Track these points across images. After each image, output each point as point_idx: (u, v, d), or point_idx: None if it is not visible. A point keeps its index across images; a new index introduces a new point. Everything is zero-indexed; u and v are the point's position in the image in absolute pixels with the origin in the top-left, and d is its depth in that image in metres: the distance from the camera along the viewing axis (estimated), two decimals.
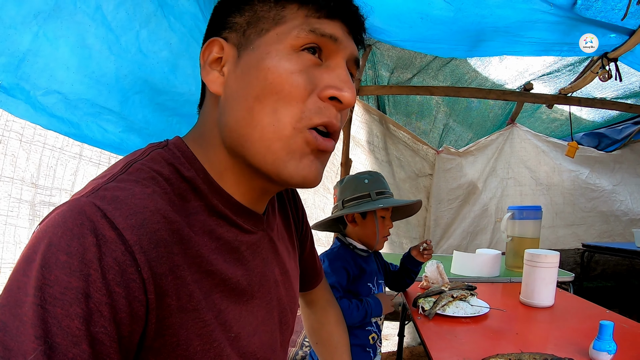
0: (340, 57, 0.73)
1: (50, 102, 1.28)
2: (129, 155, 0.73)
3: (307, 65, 0.70)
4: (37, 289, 0.52)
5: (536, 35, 3.02)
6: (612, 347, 1.38)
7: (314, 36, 0.70)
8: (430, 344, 1.58)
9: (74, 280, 0.53)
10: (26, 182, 1.28)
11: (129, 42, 1.41)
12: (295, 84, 0.68)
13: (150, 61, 1.47)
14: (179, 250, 0.65)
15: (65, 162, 1.37)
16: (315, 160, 0.72)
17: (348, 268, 1.92)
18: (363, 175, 2.03)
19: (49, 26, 1.23)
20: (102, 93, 1.38)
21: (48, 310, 0.51)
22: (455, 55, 3.63)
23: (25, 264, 0.54)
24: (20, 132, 1.26)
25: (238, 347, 0.75)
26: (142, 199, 0.62)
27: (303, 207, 1.20)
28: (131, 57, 1.42)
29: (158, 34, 1.47)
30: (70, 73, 1.30)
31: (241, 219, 0.79)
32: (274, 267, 0.91)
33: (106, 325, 0.54)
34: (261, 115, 0.68)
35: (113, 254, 0.56)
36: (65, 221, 0.56)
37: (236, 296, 0.76)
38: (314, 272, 1.31)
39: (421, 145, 4.67)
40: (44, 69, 1.25)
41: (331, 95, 0.69)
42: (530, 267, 2.07)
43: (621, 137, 5.01)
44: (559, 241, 4.76)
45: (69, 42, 1.28)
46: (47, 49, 1.24)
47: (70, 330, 0.51)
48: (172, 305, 0.63)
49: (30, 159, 1.29)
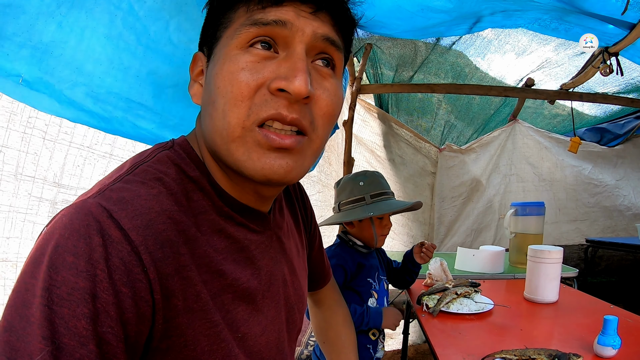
0: (297, 41, 0.68)
1: (77, 95, 1.24)
2: (135, 157, 0.74)
3: (255, 60, 0.67)
4: (44, 289, 0.52)
5: (536, 15, 3.01)
6: (617, 341, 1.39)
7: (256, 28, 0.67)
8: (435, 341, 1.58)
9: (81, 281, 0.53)
10: (48, 181, 1.27)
11: (159, 33, 1.36)
12: (237, 83, 0.65)
13: (182, 52, 1.42)
14: (186, 251, 0.66)
15: (94, 161, 1.35)
16: (278, 158, 0.67)
17: (345, 266, 1.93)
18: (359, 177, 2.03)
19: (73, 16, 1.19)
20: (132, 87, 1.34)
21: (55, 311, 0.52)
22: (454, 34, 3.58)
23: (33, 265, 0.55)
24: (44, 130, 1.23)
25: (245, 347, 0.75)
26: (148, 199, 0.63)
27: (311, 207, 1.20)
28: (161, 48, 1.37)
29: (189, 23, 1.42)
30: (97, 65, 1.26)
31: (247, 219, 0.80)
32: (282, 266, 0.91)
33: (113, 326, 0.55)
34: (216, 121, 0.68)
35: (119, 254, 0.56)
36: (72, 222, 0.56)
37: (246, 296, 0.76)
38: (322, 272, 1.31)
39: (423, 143, 4.67)
40: (69, 62, 1.21)
41: (277, 87, 0.65)
42: (534, 263, 2.08)
43: (623, 132, 4.99)
44: (563, 237, 4.75)
45: (96, 33, 1.24)
46: (72, 40, 1.20)
47: (77, 331, 0.52)
48: (179, 305, 0.63)
49: (53, 158, 1.27)
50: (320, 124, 0.72)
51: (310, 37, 0.68)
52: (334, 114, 0.74)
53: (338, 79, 0.76)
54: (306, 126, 0.69)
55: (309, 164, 0.74)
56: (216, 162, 0.75)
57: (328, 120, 0.73)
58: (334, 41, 0.72)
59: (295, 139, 0.68)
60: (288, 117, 0.66)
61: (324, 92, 0.71)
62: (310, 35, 0.68)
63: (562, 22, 3.07)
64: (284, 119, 0.66)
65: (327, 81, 0.72)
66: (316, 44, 0.70)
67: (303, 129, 0.69)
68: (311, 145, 0.72)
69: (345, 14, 0.75)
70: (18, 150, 1.22)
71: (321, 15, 0.70)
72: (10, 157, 1.22)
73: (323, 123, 0.73)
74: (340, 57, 0.75)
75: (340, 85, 0.76)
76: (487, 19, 3.17)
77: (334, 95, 0.73)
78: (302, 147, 0.70)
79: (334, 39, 0.72)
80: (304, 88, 0.64)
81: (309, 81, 0.65)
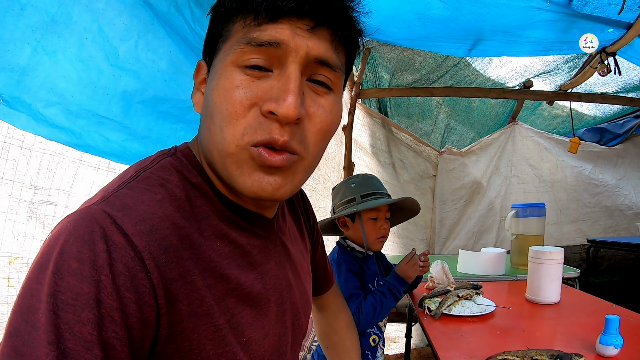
0: (290, 61, 0.67)
1: (51, 113, 1.32)
2: (138, 164, 0.75)
3: (249, 79, 0.67)
4: (49, 295, 0.53)
5: (535, 35, 3.03)
6: (619, 341, 1.39)
7: (251, 48, 0.67)
8: (437, 344, 1.59)
9: (85, 286, 0.54)
10: (26, 184, 1.36)
11: (128, 52, 1.42)
12: (232, 101, 0.66)
13: (150, 70, 1.48)
14: (189, 256, 0.67)
15: (65, 165, 1.45)
16: (267, 175, 0.68)
17: (354, 269, 1.94)
18: (351, 179, 2.06)
19: (47, 40, 1.26)
20: (102, 103, 1.41)
21: (60, 317, 0.52)
22: (454, 53, 3.63)
23: (38, 271, 0.56)
24: (21, 140, 1.33)
25: (249, 351, 0.76)
26: (151, 205, 0.64)
27: (313, 212, 1.21)
28: (130, 66, 1.43)
29: (157, 42, 1.48)
30: (70, 84, 1.33)
31: (251, 223, 0.81)
32: (287, 270, 0.92)
33: (117, 330, 0.56)
34: (213, 134, 0.69)
35: (123, 260, 0.57)
36: (76, 228, 0.57)
37: (250, 300, 0.77)
38: (325, 277, 1.32)
39: (424, 146, 4.68)
40: (44, 82, 1.28)
41: (268, 110, 0.65)
42: (535, 264, 2.08)
43: (623, 132, 5.01)
44: (564, 238, 4.75)
45: (68, 55, 1.31)
46: (46, 62, 1.27)
47: (82, 336, 0.53)
48: (183, 310, 0.64)
49: (30, 164, 1.37)
50: (312, 142, 0.72)
51: (304, 58, 0.68)
52: (330, 130, 0.74)
53: (336, 95, 0.76)
54: (296, 147, 0.69)
55: (300, 179, 0.74)
56: (212, 170, 0.76)
57: (322, 136, 0.74)
58: (328, 63, 0.71)
59: (286, 157, 0.68)
60: (279, 141, 0.66)
61: (318, 109, 0.71)
62: (303, 57, 0.68)
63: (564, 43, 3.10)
64: (276, 142, 0.66)
65: (323, 98, 0.73)
66: (310, 64, 0.69)
67: (293, 150, 0.69)
68: (302, 162, 0.72)
69: (348, 26, 0.74)
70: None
71: (319, 32, 0.69)
72: None
73: (316, 140, 0.73)
74: (338, 75, 0.74)
75: (337, 101, 0.76)
76: (488, 43, 3.19)
77: (330, 112, 0.73)
78: (293, 165, 0.70)
79: (329, 60, 0.71)
80: (293, 112, 0.64)
81: (298, 103, 0.65)
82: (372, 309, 1.81)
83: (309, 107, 0.70)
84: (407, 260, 1.95)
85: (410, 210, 2.16)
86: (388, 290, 1.87)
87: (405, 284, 1.93)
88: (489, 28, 2.97)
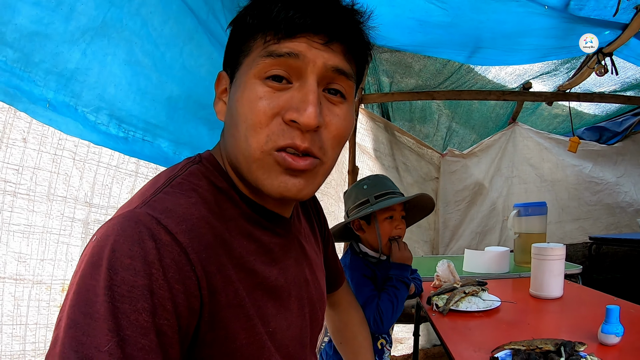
0: (309, 72, 0.74)
1: (99, 118, 1.31)
2: (168, 171, 0.82)
3: (271, 90, 0.73)
4: (106, 288, 0.59)
5: (534, 42, 3.08)
6: (620, 329, 1.44)
7: (271, 59, 0.73)
8: (447, 338, 1.64)
9: (139, 279, 0.61)
10: (80, 201, 1.31)
11: (174, 58, 1.44)
12: (256, 111, 0.72)
13: (193, 76, 1.50)
14: (223, 252, 0.74)
15: (121, 180, 1.39)
16: (292, 177, 0.75)
17: (367, 274, 1.95)
18: (362, 182, 2.04)
19: (96, 44, 1.26)
20: (149, 109, 1.42)
21: (118, 307, 0.59)
22: (456, 59, 3.69)
23: (92, 268, 0.62)
24: (73, 151, 1.28)
25: (275, 341, 0.83)
26: (188, 207, 0.72)
27: (324, 213, 1.29)
28: (175, 72, 1.46)
29: (200, 49, 1.51)
30: (118, 90, 1.33)
31: (272, 223, 0.88)
32: (304, 267, 0.99)
33: (169, 318, 0.62)
34: (239, 142, 0.76)
35: (170, 255, 0.64)
36: (124, 230, 0.64)
37: (274, 293, 0.84)
38: (337, 274, 1.38)
39: (426, 149, 4.74)
40: (93, 87, 1.28)
41: (290, 119, 0.72)
42: (538, 261, 2.14)
43: (622, 130, 5.04)
44: (567, 236, 4.79)
45: (117, 59, 1.31)
46: (95, 67, 1.27)
47: (139, 323, 0.59)
48: (222, 301, 0.72)
49: (84, 178, 1.31)
50: (330, 147, 0.79)
51: (321, 69, 0.74)
52: (344, 136, 0.82)
53: (349, 104, 0.83)
54: (317, 152, 0.76)
55: (320, 182, 0.82)
56: (237, 175, 0.83)
57: (338, 142, 0.81)
58: (344, 71, 0.78)
59: (310, 162, 0.75)
60: (301, 147, 0.73)
61: (334, 118, 0.78)
62: (321, 67, 0.74)
63: (563, 48, 3.15)
64: (298, 148, 0.73)
65: (338, 107, 0.80)
66: (327, 74, 0.76)
67: (314, 155, 0.76)
68: (323, 166, 0.80)
69: (358, 40, 0.81)
70: (50, 171, 1.27)
71: (333, 46, 0.76)
72: (42, 179, 1.26)
73: (333, 145, 0.80)
74: (351, 84, 0.82)
75: (350, 109, 0.83)
76: (488, 51, 3.24)
77: (344, 119, 0.80)
78: (315, 168, 0.78)
79: (344, 69, 0.78)
80: (313, 121, 0.71)
81: (318, 112, 0.72)
82: (389, 305, 1.81)
83: (325, 115, 0.77)
84: (397, 248, 1.95)
85: (424, 207, 2.12)
86: (397, 281, 1.88)
87: (407, 268, 1.94)
88: (489, 35, 3.03)
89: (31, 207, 1.23)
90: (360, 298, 1.81)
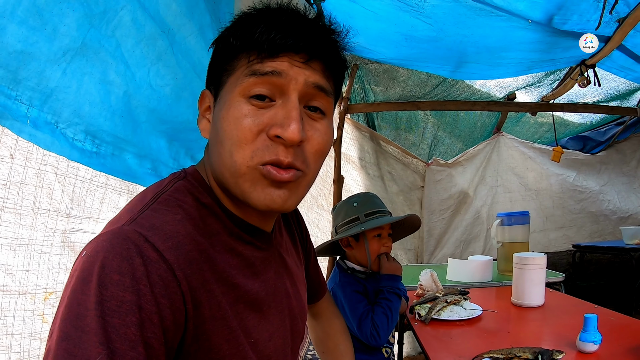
0: (291, 89, 0.76)
1: (74, 134, 1.35)
2: (154, 187, 0.84)
3: (255, 108, 0.76)
4: (97, 303, 0.61)
5: (518, 56, 3.14)
6: (598, 337, 1.47)
7: (255, 78, 0.75)
8: (428, 347, 1.66)
9: (128, 295, 0.63)
10: (61, 212, 1.35)
11: (142, 78, 1.49)
12: (242, 128, 0.74)
13: (158, 94, 1.54)
14: (207, 267, 0.76)
15: (93, 191, 1.42)
16: (277, 189, 0.77)
17: (358, 289, 1.97)
18: (353, 199, 2.07)
19: (76, 63, 1.29)
20: (117, 124, 1.46)
21: (107, 321, 0.60)
22: (440, 73, 3.74)
23: (82, 284, 0.63)
24: (55, 166, 1.31)
25: (257, 351, 0.84)
26: (174, 224, 0.74)
27: (305, 226, 1.31)
28: (143, 91, 1.50)
29: (166, 69, 1.56)
30: (92, 107, 1.37)
31: (254, 237, 0.90)
32: (285, 279, 1.01)
33: (156, 331, 0.64)
34: (224, 158, 0.78)
35: (157, 272, 0.66)
36: (113, 246, 0.66)
37: (256, 306, 0.86)
38: (319, 286, 1.40)
39: (411, 158, 4.78)
40: (70, 104, 1.31)
41: (274, 134, 0.74)
42: (519, 270, 2.17)
43: (605, 139, 5.13)
44: (551, 244, 4.85)
45: (93, 79, 1.35)
46: (74, 85, 1.30)
47: (128, 337, 0.61)
48: (205, 314, 0.74)
49: (65, 191, 1.34)
50: (312, 160, 0.81)
51: (303, 85, 0.77)
52: (325, 150, 0.84)
53: (329, 119, 0.85)
54: (300, 166, 0.78)
55: (303, 193, 0.84)
56: (222, 190, 0.85)
57: (319, 156, 0.83)
58: (323, 88, 0.80)
59: (293, 174, 0.77)
60: (285, 161, 0.75)
61: (315, 133, 0.81)
62: (302, 84, 0.77)
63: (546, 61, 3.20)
64: (282, 162, 0.75)
65: (319, 122, 0.82)
66: (308, 90, 0.78)
67: (297, 168, 0.78)
68: (305, 178, 0.82)
69: (336, 58, 0.84)
70: (34, 185, 1.29)
71: (313, 64, 0.79)
72: (28, 193, 1.28)
73: (315, 159, 0.82)
74: (330, 100, 0.84)
75: (330, 124, 0.86)
76: (473, 65, 3.28)
77: (325, 134, 0.83)
78: (298, 181, 0.80)
79: (324, 85, 0.80)
80: (297, 136, 0.73)
81: (301, 127, 0.75)
82: (384, 318, 1.83)
83: (307, 130, 0.79)
84: (386, 260, 1.98)
85: (411, 227, 2.18)
86: (389, 293, 1.89)
87: (398, 279, 1.96)
88: (473, 49, 3.09)
89: (18, 220, 1.24)
90: (355, 314, 1.85)
